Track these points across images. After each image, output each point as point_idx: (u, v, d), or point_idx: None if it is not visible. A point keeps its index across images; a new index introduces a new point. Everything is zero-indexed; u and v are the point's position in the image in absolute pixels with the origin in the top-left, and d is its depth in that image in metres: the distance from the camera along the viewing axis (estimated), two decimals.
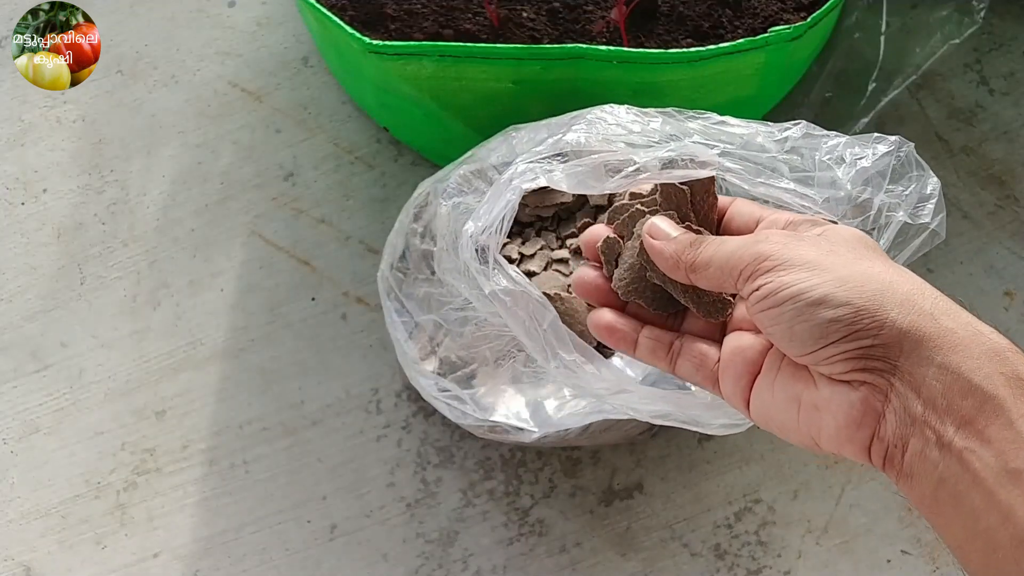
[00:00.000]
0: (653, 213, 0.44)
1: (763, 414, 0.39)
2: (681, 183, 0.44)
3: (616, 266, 0.45)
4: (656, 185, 0.44)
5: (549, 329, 0.45)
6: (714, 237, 0.41)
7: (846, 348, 0.35)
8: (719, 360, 0.41)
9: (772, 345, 0.40)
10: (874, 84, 0.75)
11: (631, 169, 0.43)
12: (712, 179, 0.44)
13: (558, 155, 0.45)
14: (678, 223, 0.44)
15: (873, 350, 0.34)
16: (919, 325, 0.34)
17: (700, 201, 0.44)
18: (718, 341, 0.43)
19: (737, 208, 0.45)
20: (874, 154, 0.43)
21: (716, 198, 0.44)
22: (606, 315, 0.44)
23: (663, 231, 0.43)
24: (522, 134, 0.56)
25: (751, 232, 0.43)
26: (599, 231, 0.46)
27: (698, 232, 0.44)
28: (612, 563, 0.66)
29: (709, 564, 0.66)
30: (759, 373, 0.40)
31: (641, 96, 0.65)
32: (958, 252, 0.72)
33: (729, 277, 0.38)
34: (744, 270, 0.38)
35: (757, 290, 0.37)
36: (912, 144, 0.43)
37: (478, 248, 0.46)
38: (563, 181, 0.44)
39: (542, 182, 0.45)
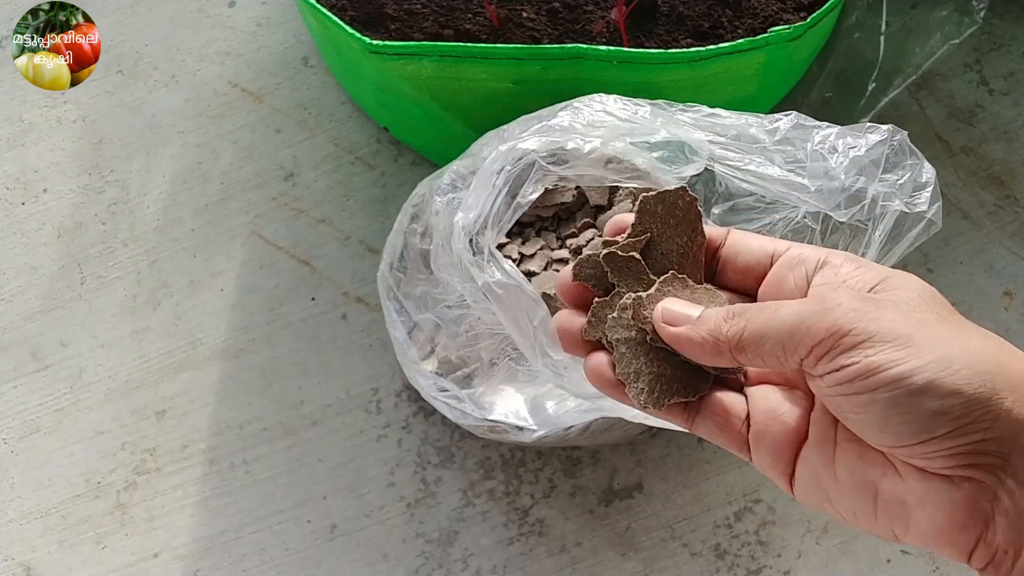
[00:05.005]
0: (627, 267, 0.37)
1: (816, 496, 0.34)
2: (665, 215, 0.38)
3: (619, 362, 0.36)
4: (633, 219, 0.38)
5: (539, 327, 0.45)
6: (757, 304, 0.34)
7: (952, 444, 0.30)
8: (747, 418, 0.35)
9: (813, 404, 0.34)
10: (874, 84, 0.75)
11: (620, 164, 0.43)
12: (699, 215, 0.38)
13: (552, 158, 0.45)
14: (678, 276, 0.36)
15: (984, 444, 0.29)
16: None
17: (683, 238, 0.38)
18: (738, 390, 0.36)
19: (737, 242, 0.38)
20: (867, 143, 0.42)
21: (704, 236, 0.38)
22: (606, 367, 0.36)
23: (681, 314, 0.35)
24: (513, 126, 0.56)
25: (764, 269, 0.36)
26: (568, 275, 0.38)
27: (690, 281, 0.37)
28: (612, 563, 0.66)
29: (709, 564, 0.66)
30: (804, 441, 0.34)
31: (641, 96, 0.64)
32: (958, 252, 0.72)
33: (793, 355, 0.31)
34: (817, 348, 0.31)
35: (839, 370, 0.30)
36: (905, 132, 0.43)
37: (471, 239, 0.46)
38: (549, 159, 0.43)
39: (531, 152, 0.44)
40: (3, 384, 0.72)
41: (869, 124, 0.43)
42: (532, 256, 0.63)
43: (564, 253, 0.63)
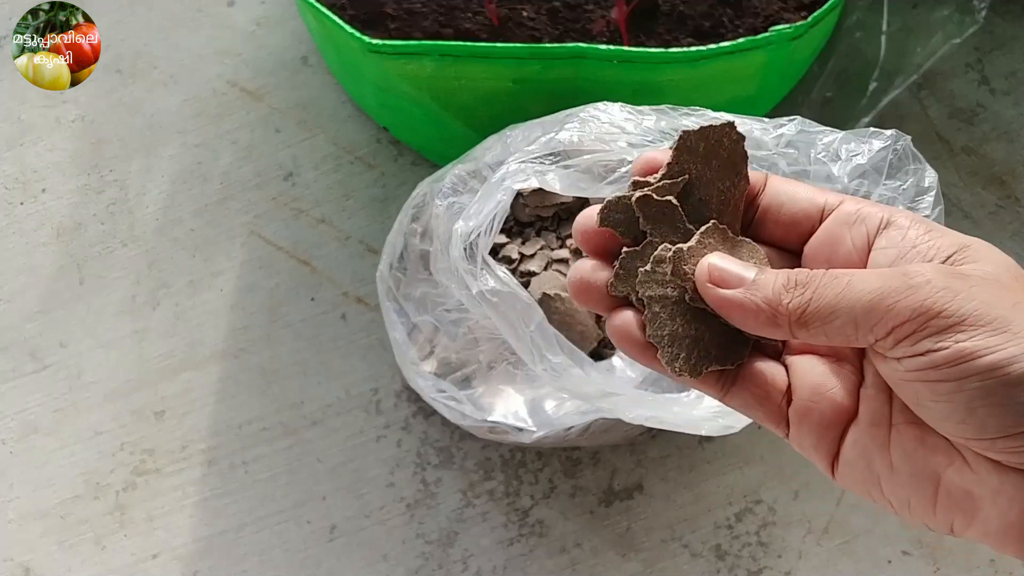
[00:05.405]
0: (662, 213, 0.33)
1: (864, 482, 0.31)
2: (707, 155, 0.34)
3: (652, 322, 0.32)
4: (670, 156, 0.34)
5: (536, 331, 0.45)
6: (822, 272, 0.30)
7: None
8: (787, 391, 0.32)
9: (862, 379, 0.31)
10: (875, 84, 0.75)
11: (626, 169, 0.42)
12: (745, 157, 0.34)
13: (551, 155, 0.45)
14: (716, 221, 0.32)
15: None
16: None
17: (726, 183, 0.33)
18: (776, 357, 0.33)
19: (779, 190, 0.34)
20: (870, 149, 0.43)
21: (748, 181, 0.34)
22: (634, 327, 0.33)
23: (733, 275, 0.31)
24: (517, 132, 0.56)
25: (811, 224, 0.33)
26: (591, 218, 0.34)
27: (731, 235, 0.32)
28: (612, 564, 0.66)
29: (709, 565, 0.66)
30: (851, 421, 0.31)
31: (641, 95, 0.64)
32: None
33: (868, 335, 0.28)
34: (899, 329, 0.28)
35: (923, 355, 0.27)
36: (908, 137, 0.43)
37: (467, 247, 0.45)
38: (556, 182, 0.43)
39: (534, 183, 0.44)
40: (2, 384, 0.72)
41: (873, 129, 0.43)
42: (532, 256, 0.63)
43: (564, 253, 0.63)
